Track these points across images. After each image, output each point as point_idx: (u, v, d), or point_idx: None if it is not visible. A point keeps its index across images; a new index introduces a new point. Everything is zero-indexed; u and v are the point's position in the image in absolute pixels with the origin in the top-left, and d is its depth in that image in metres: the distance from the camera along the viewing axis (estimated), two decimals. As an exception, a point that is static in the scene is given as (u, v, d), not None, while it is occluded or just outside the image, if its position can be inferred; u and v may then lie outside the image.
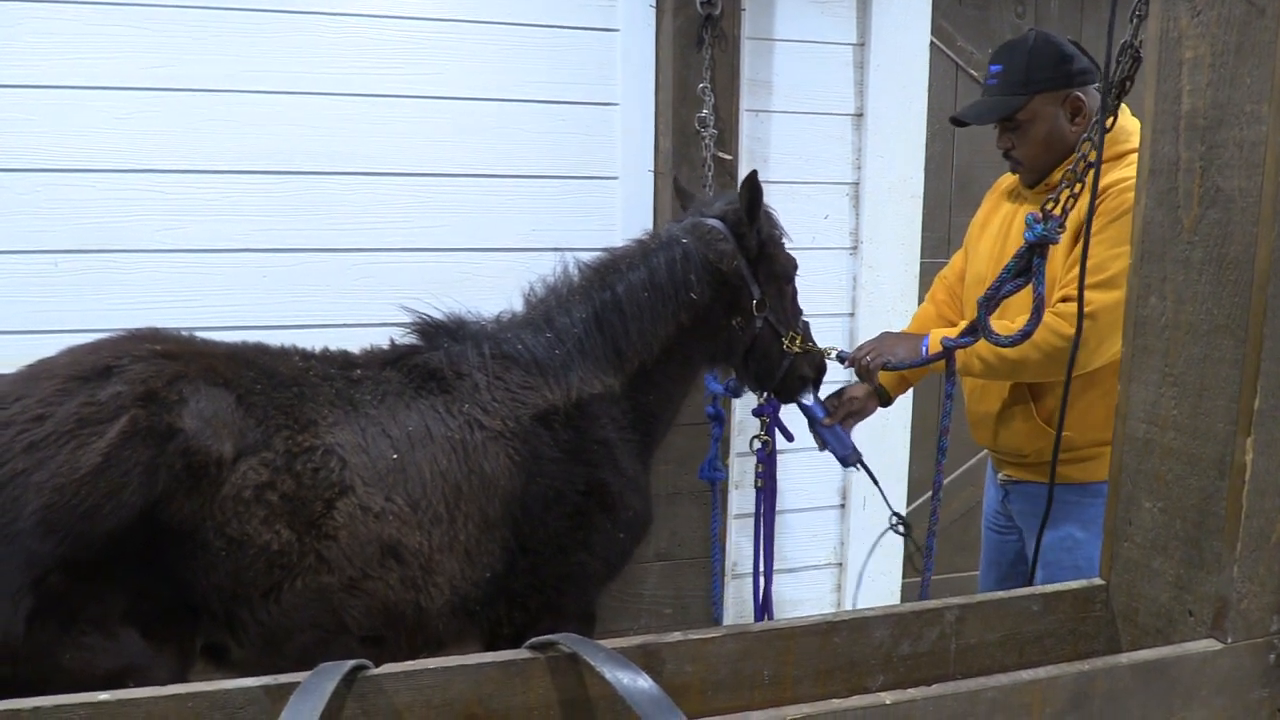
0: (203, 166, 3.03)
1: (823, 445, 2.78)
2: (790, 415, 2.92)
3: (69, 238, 2.94)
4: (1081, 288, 2.05)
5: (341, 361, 2.32)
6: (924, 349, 2.60)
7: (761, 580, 3.20)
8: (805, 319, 2.71)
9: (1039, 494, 2.74)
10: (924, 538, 2.77)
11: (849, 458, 2.75)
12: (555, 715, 1.43)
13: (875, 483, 2.88)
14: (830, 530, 3.93)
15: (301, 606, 2.04)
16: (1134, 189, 1.65)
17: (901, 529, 2.85)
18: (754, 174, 2.47)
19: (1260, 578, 1.45)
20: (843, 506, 3.91)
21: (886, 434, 3.80)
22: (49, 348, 2.14)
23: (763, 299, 2.54)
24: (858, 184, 3.71)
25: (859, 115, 3.68)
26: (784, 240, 2.64)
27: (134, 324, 2.24)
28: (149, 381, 1.98)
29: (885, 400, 2.86)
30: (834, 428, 2.75)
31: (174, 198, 3.02)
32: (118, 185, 2.96)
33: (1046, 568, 2.72)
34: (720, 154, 3.25)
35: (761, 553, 3.17)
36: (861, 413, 2.83)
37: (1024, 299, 2.24)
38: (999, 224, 2.79)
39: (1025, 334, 2.16)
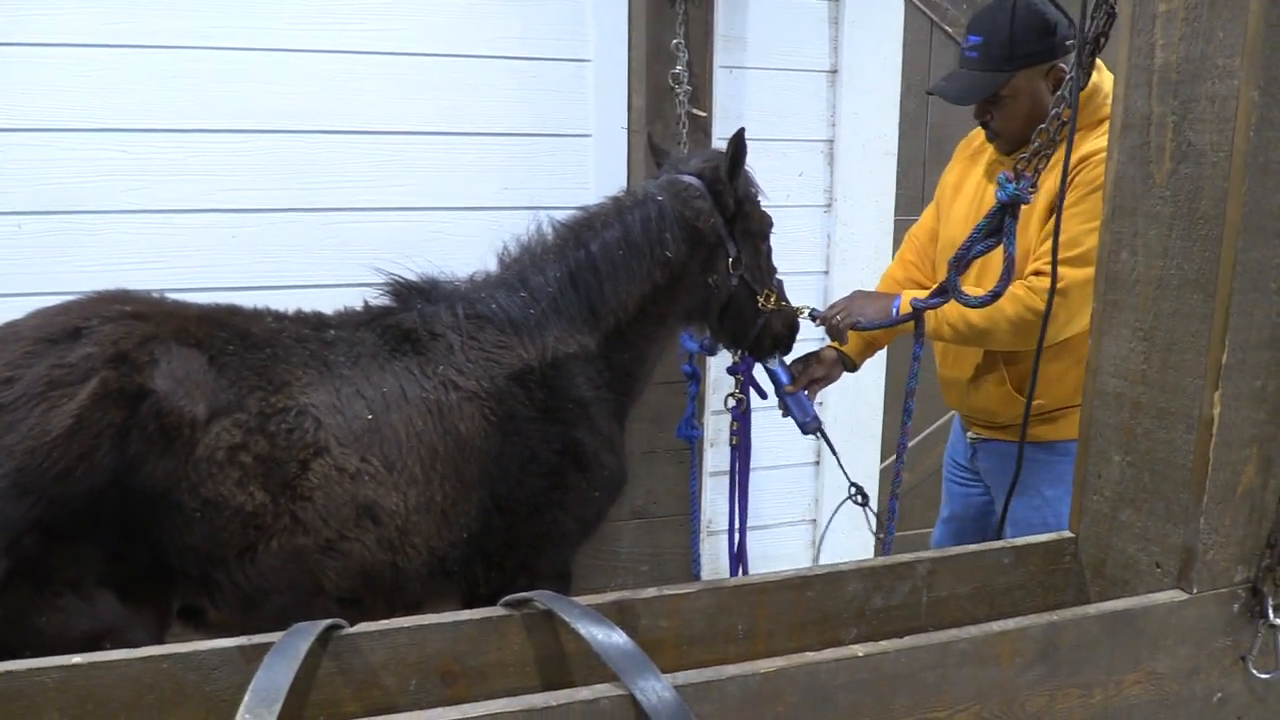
0: (168, 125, 2.97)
1: (785, 411, 2.79)
2: (764, 374, 2.93)
3: (32, 199, 2.88)
4: (1055, 256, 2.03)
5: (315, 323, 2.30)
6: (895, 309, 2.59)
7: (736, 536, 3.22)
8: (779, 277, 2.71)
9: (1008, 452, 2.76)
10: (887, 501, 2.79)
11: (808, 425, 2.77)
12: (531, 671, 1.44)
13: (834, 452, 2.90)
14: (805, 487, 3.97)
15: (278, 568, 2.04)
16: None
17: (859, 499, 2.87)
18: (741, 131, 2.46)
19: (1226, 529, 1.47)
20: (817, 464, 3.94)
21: (859, 394, 3.82)
22: (14, 311, 2.10)
23: (739, 256, 2.54)
24: (832, 141, 3.70)
25: (833, 72, 3.65)
26: (760, 198, 2.63)
27: (101, 286, 2.21)
28: (119, 343, 1.96)
29: (851, 366, 2.87)
30: (797, 395, 2.76)
31: (140, 157, 2.96)
32: (81, 145, 2.91)
33: (1015, 525, 2.75)
34: (694, 111, 3.22)
35: (736, 509, 3.19)
36: (826, 379, 2.83)
37: (999, 264, 2.24)
38: (973, 188, 2.76)
39: (995, 295, 2.15)
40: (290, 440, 2.04)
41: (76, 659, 1.29)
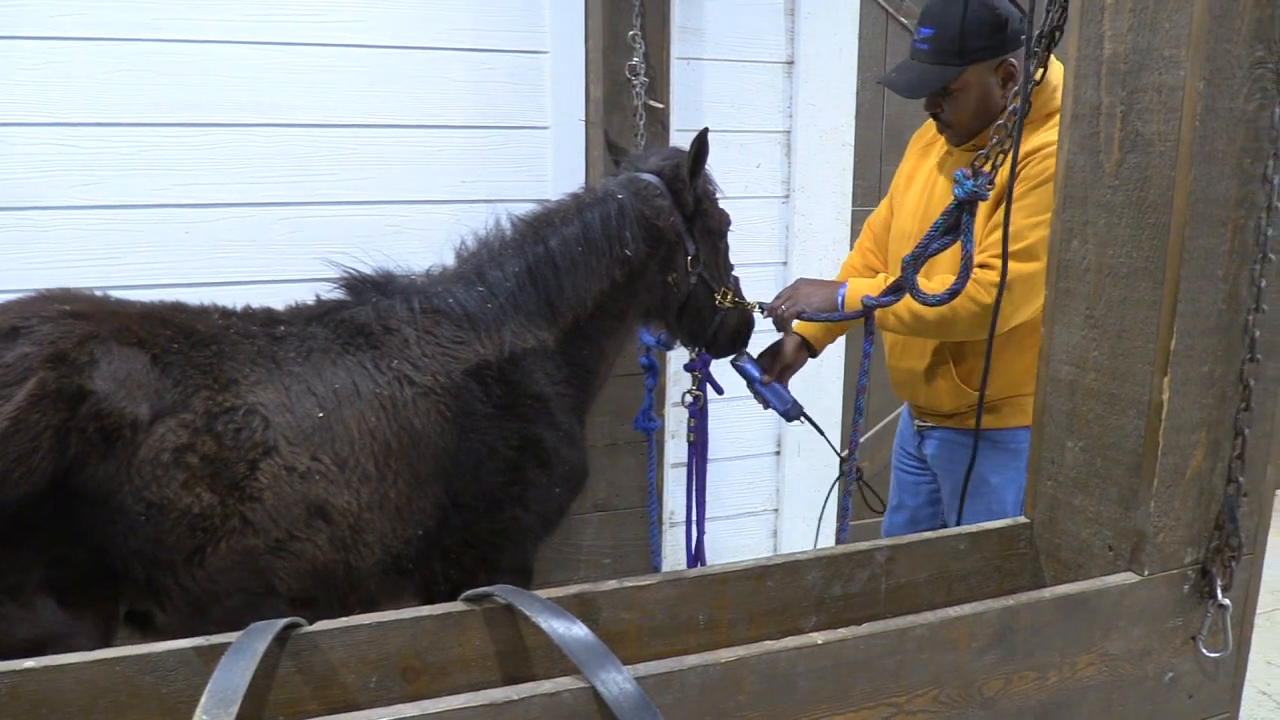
0: (119, 119, 2.92)
1: (765, 404, 2.80)
2: (721, 370, 2.94)
3: (-21, 195, 2.83)
4: (1005, 251, 2.05)
5: (264, 318, 2.25)
6: (840, 299, 2.60)
7: (694, 531, 3.23)
8: (735, 273, 2.72)
9: (955, 440, 2.81)
10: (842, 496, 2.80)
11: (790, 412, 2.78)
12: (492, 666, 1.44)
13: (820, 433, 2.91)
14: (767, 477, 3.99)
15: (227, 570, 2.01)
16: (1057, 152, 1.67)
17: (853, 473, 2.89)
18: (704, 131, 2.47)
19: (1175, 512, 1.50)
20: (778, 453, 3.96)
21: (820, 386, 3.85)
22: (-37, 310, 2.06)
23: (697, 255, 2.54)
24: (789, 132, 3.71)
25: (790, 63, 3.67)
26: (718, 195, 2.64)
27: (51, 284, 2.16)
28: (58, 342, 1.91)
29: (813, 352, 2.89)
30: (772, 385, 2.77)
31: (90, 152, 2.91)
32: (29, 139, 2.85)
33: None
34: (652, 102, 3.22)
35: (693, 504, 3.19)
36: (794, 365, 2.85)
37: (947, 257, 2.25)
38: (923, 179, 2.78)
39: (953, 293, 2.16)
40: (238, 440, 2.00)
41: (29, 664, 1.27)
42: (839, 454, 2.90)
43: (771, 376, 2.77)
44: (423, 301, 2.31)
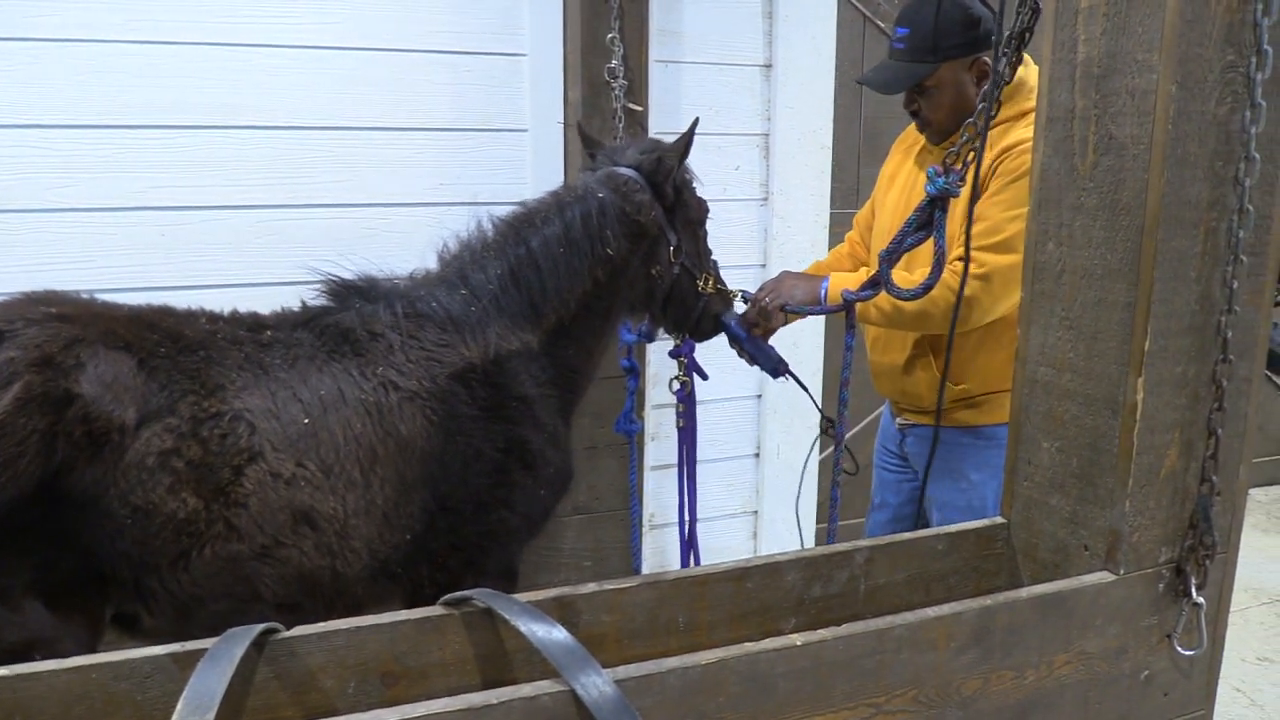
0: (95, 121, 2.89)
1: (751, 360, 2.81)
2: (705, 355, 2.94)
3: (-47, 199, 2.80)
4: (968, 244, 2.08)
5: (251, 324, 2.25)
6: (822, 293, 2.63)
7: (687, 519, 3.23)
8: (714, 259, 2.74)
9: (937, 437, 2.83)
10: (829, 491, 2.81)
11: (778, 368, 2.79)
12: (471, 670, 1.44)
13: (805, 389, 2.91)
14: (746, 479, 3.99)
15: (212, 575, 2.00)
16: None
17: (832, 432, 2.89)
18: (697, 121, 2.52)
19: (1150, 511, 1.52)
20: (757, 455, 3.97)
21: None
22: (-63, 314, 2.04)
23: (679, 245, 2.56)
24: (768, 135, 3.72)
25: (768, 66, 3.68)
26: (695, 184, 2.65)
27: (27, 288, 2.14)
28: (44, 346, 1.90)
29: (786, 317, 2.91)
30: (756, 341, 2.78)
31: (65, 154, 2.88)
32: (3, 141, 2.82)
33: (942, 509, 2.81)
34: (630, 105, 3.22)
35: (685, 495, 3.19)
36: (775, 326, 2.87)
37: (928, 252, 2.28)
38: (905, 177, 2.83)
39: (926, 287, 2.20)
40: (224, 445, 2.00)
41: (2, 671, 1.26)
42: (822, 412, 2.90)
43: (758, 332, 2.79)
44: (406, 306, 2.31)
